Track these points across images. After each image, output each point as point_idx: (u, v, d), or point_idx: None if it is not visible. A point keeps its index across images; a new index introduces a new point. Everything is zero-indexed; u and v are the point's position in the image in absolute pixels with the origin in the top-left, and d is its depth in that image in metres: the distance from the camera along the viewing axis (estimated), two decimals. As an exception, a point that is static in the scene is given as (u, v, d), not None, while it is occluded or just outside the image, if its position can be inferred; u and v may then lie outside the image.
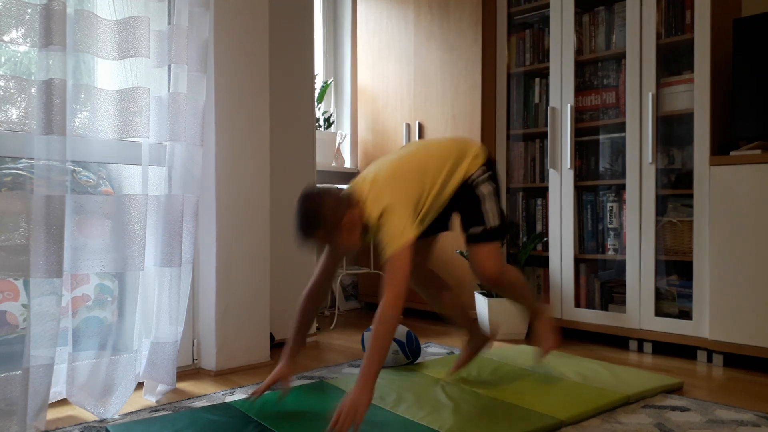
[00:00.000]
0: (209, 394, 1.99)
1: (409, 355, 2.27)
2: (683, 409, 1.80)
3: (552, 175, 2.90)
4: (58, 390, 1.86)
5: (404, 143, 3.39)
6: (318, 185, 1.70)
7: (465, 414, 1.71)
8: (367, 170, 1.76)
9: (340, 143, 3.70)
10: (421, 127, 3.34)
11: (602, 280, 2.84)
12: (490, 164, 1.90)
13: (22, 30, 1.73)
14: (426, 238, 1.95)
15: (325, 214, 1.59)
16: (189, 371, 2.28)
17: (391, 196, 1.65)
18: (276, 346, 2.63)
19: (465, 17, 3.14)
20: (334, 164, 3.64)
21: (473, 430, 1.59)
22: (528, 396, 1.86)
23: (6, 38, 1.71)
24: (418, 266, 1.96)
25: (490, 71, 3.11)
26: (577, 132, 2.88)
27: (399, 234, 1.60)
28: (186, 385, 2.10)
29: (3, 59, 1.97)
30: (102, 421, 1.73)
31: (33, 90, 1.70)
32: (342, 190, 1.70)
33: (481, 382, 2.01)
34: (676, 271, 2.60)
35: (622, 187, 2.73)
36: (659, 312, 2.58)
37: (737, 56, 2.39)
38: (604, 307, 2.80)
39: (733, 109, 2.40)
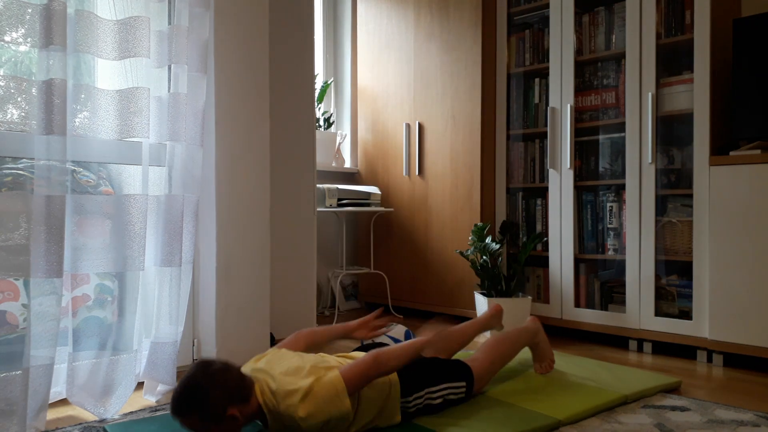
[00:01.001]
0: (209, 393, 1.99)
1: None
2: (683, 409, 1.80)
3: (552, 175, 2.90)
4: (58, 390, 1.86)
5: (404, 143, 3.40)
6: (219, 362, 1.46)
7: (463, 414, 1.71)
8: (274, 359, 1.58)
9: (340, 143, 3.70)
10: (421, 127, 3.34)
11: (602, 280, 2.84)
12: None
13: (23, 30, 1.73)
14: None
15: (210, 404, 1.38)
16: (189, 371, 2.28)
17: (304, 380, 1.46)
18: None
19: (465, 17, 3.14)
20: (334, 164, 3.65)
21: (471, 430, 1.59)
22: (526, 396, 1.86)
23: (6, 38, 1.71)
24: None
25: (490, 71, 3.11)
26: (577, 132, 2.88)
27: (330, 388, 1.44)
28: (186, 385, 2.10)
29: (3, 59, 1.97)
30: (102, 421, 1.73)
31: (33, 90, 1.70)
32: (242, 375, 1.48)
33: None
34: (675, 271, 2.60)
35: (622, 187, 2.73)
36: (659, 312, 2.58)
37: (737, 56, 2.40)
38: (604, 307, 2.80)
39: (732, 109, 2.41)
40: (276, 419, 1.45)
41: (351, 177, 3.74)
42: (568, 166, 2.84)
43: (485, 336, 2.90)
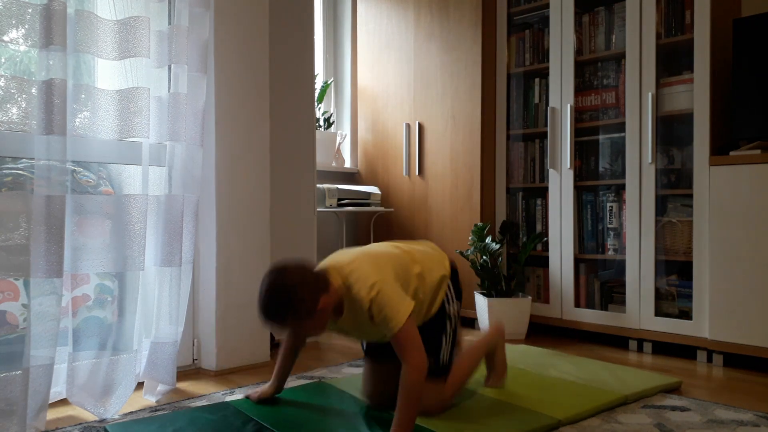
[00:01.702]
0: (209, 394, 1.99)
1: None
2: (683, 409, 1.80)
3: (552, 175, 2.90)
4: (58, 390, 1.86)
5: (404, 143, 3.40)
6: (292, 261, 1.51)
7: (463, 414, 1.71)
8: (339, 253, 1.63)
9: (340, 143, 3.70)
10: (421, 127, 3.34)
11: (602, 280, 2.84)
12: (454, 279, 1.79)
13: (23, 30, 1.73)
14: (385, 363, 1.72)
15: (300, 302, 1.43)
16: (189, 371, 2.28)
17: (376, 275, 1.52)
18: (276, 345, 2.63)
19: (465, 17, 3.14)
20: (334, 164, 3.65)
21: (471, 430, 1.59)
22: (526, 396, 1.86)
23: (6, 38, 1.71)
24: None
25: (490, 71, 3.11)
26: (577, 132, 2.88)
27: (397, 307, 1.48)
28: (186, 385, 2.10)
29: (3, 59, 1.97)
30: (102, 421, 1.73)
31: (33, 90, 1.70)
32: (315, 269, 1.54)
33: (479, 382, 2.01)
34: (675, 271, 2.60)
35: (622, 187, 2.73)
36: (659, 312, 2.58)
37: (737, 56, 2.40)
38: (604, 307, 2.80)
39: (732, 109, 2.40)
40: (350, 305, 1.51)
41: (351, 177, 3.74)
42: (568, 166, 2.84)
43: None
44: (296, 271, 1.47)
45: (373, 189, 3.41)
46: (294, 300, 1.43)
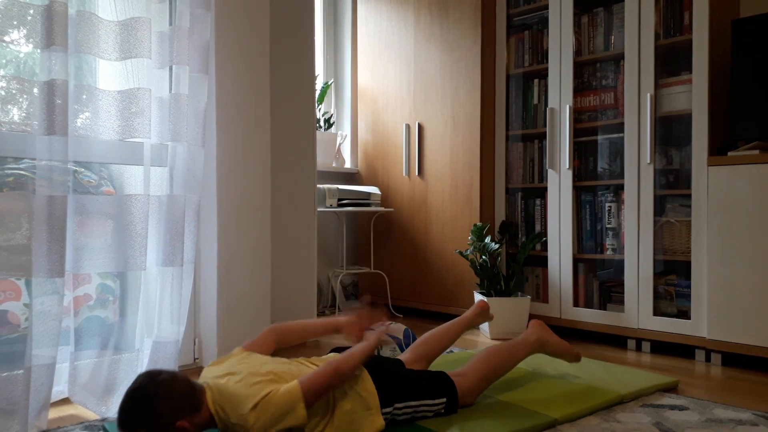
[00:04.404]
0: (210, 393, 1.99)
1: (409, 354, 2.27)
2: (682, 408, 1.81)
3: (551, 175, 2.91)
4: (60, 389, 1.87)
5: (404, 144, 3.40)
6: (169, 372, 1.40)
7: (460, 413, 1.71)
8: (226, 366, 1.50)
9: (340, 144, 3.71)
10: (420, 127, 3.35)
11: (601, 280, 2.85)
12: None
13: (24, 31, 1.74)
14: None
15: (157, 417, 1.32)
16: (190, 370, 2.29)
17: (252, 402, 1.37)
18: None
19: (465, 18, 3.15)
20: (334, 164, 3.66)
21: (468, 429, 1.60)
22: (523, 395, 1.87)
23: (8, 39, 1.72)
24: None
25: (489, 72, 3.12)
26: (576, 132, 2.89)
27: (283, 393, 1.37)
28: (187, 385, 2.11)
29: (5, 60, 1.98)
30: (104, 420, 1.74)
31: (35, 90, 1.71)
32: (193, 383, 1.41)
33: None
34: (674, 270, 2.61)
35: (621, 187, 2.74)
36: (657, 311, 2.59)
37: (736, 57, 2.41)
38: (603, 307, 2.81)
39: (731, 109, 2.42)
40: (228, 429, 1.40)
41: (351, 177, 3.75)
42: (567, 166, 2.85)
43: (484, 334, 2.91)
44: (163, 383, 1.36)
45: (373, 189, 3.42)
46: (151, 413, 1.32)
